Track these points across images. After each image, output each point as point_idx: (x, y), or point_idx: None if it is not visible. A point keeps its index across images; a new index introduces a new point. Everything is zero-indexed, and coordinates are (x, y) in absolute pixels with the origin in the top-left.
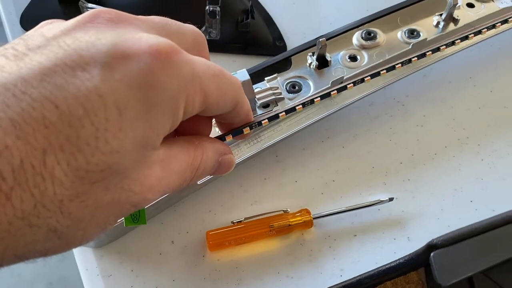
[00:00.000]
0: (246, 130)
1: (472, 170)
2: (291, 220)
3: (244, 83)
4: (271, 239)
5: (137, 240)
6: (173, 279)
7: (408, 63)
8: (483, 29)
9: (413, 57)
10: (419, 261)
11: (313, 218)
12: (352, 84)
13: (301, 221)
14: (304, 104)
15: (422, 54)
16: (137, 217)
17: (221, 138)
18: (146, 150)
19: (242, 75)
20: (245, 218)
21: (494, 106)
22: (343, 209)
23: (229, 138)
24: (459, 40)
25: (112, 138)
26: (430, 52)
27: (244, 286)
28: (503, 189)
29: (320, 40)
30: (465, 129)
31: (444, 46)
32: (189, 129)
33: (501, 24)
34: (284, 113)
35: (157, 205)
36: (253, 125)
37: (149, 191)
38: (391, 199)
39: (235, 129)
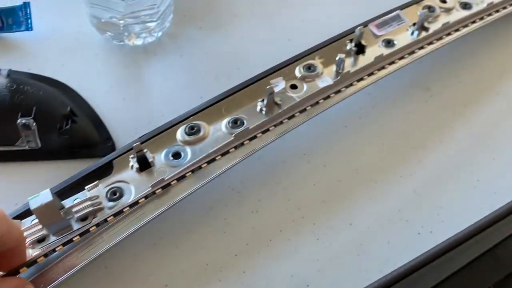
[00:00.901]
0: (23, 270)
1: (308, 252)
2: None
3: (46, 205)
4: None
5: None
6: None
7: (226, 155)
8: (306, 107)
9: (231, 149)
10: None
11: None
12: (160, 189)
13: None
14: (98, 224)
15: (240, 144)
16: None
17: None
18: None
19: (45, 197)
20: None
21: (328, 181)
22: None
23: (23, 271)
24: (280, 125)
25: None
26: (248, 141)
27: None
28: (339, 269)
29: (134, 145)
30: (300, 208)
31: (261, 133)
32: None
33: (324, 100)
34: (78, 236)
35: None
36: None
37: None
38: None
39: (15, 268)
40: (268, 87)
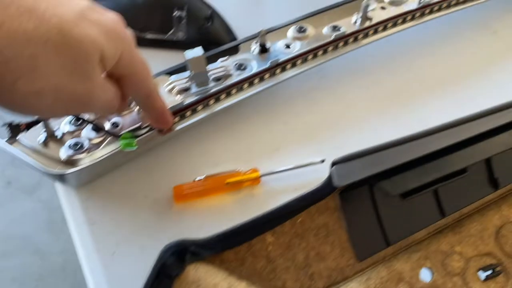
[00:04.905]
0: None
1: None
2: (243, 177)
3: (199, 58)
4: (227, 193)
5: (117, 184)
6: (146, 226)
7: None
8: (393, 24)
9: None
10: (331, 185)
11: (260, 176)
12: (276, 67)
13: (251, 178)
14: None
15: (336, 45)
16: (131, 144)
17: None
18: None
19: (197, 51)
20: (206, 176)
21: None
22: (285, 168)
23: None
24: (372, 31)
25: None
26: (343, 43)
27: (204, 230)
28: None
29: (261, 30)
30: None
31: (362, 35)
32: None
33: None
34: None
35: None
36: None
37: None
38: (322, 161)
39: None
40: (364, 1)
